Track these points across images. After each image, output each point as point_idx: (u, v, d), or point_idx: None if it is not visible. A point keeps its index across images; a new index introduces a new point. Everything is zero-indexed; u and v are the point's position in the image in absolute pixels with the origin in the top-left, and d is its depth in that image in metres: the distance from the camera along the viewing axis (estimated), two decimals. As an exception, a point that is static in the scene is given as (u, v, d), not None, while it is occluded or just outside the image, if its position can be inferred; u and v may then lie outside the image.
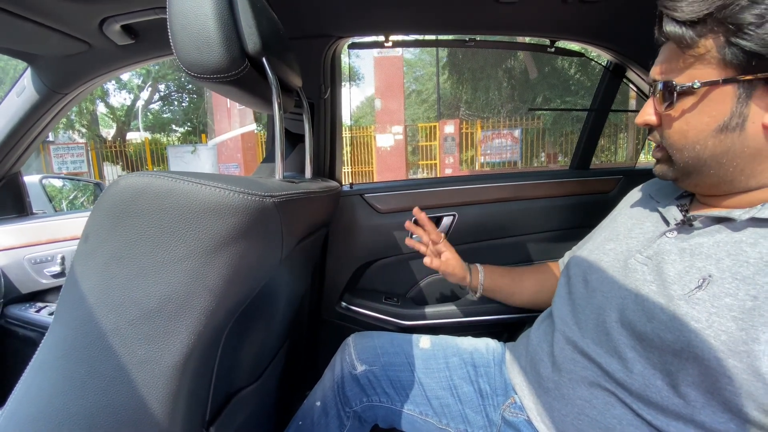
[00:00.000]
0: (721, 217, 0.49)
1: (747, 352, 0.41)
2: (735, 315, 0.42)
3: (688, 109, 0.48)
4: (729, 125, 0.45)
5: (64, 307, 0.38)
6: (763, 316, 0.41)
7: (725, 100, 0.45)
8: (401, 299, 1.10)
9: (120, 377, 0.37)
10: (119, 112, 12.08)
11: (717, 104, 0.45)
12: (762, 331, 0.40)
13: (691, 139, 0.48)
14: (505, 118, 9.94)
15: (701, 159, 0.49)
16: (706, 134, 0.47)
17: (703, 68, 0.45)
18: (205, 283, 0.37)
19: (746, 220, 0.46)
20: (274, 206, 0.41)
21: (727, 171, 0.48)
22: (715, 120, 0.46)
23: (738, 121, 0.45)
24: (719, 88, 0.45)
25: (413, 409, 0.72)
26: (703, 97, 0.46)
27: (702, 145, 0.48)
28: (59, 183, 2.35)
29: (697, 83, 0.45)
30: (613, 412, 0.52)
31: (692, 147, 0.49)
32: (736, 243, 0.46)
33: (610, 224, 0.67)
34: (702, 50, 0.44)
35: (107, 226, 0.36)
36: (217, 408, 0.53)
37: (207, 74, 0.45)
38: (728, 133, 0.46)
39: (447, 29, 0.94)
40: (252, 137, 8.83)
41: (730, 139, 0.46)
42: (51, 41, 0.82)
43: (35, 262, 1.13)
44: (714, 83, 0.45)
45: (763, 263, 0.43)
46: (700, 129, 0.47)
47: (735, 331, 0.42)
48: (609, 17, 0.90)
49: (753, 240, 0.45)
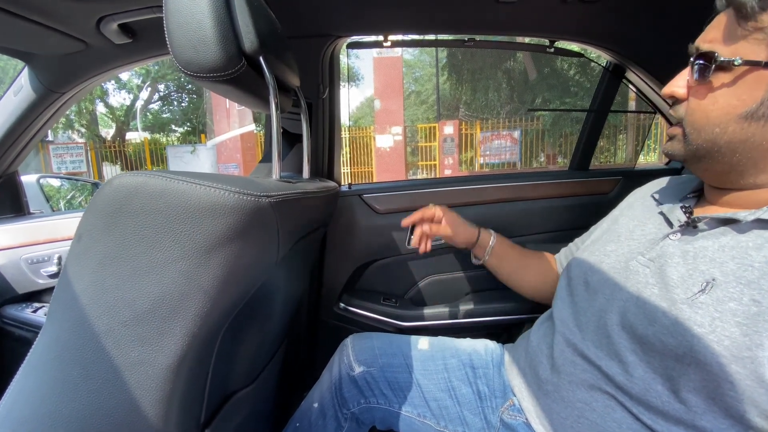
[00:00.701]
0: (727, 219, 0.48)
1: (750, 358, 0.40)
2: (739, 320, 0.42)
3: (720, 87, 0.45)
4: (756, 113, 0.43)
5: (56, 307, 0.37)
6: (767, 322, 0.40)
7: (760, 86, 0.42)
8: (400, 300, 1.09)
9: (113, 379, 0.36)
10: (119, 112, 12.06)
11: (750, 88, 0.43)
12: (766, 337, 0.40)
13: (712, 120, 0.46)
14: (505, 119, 9.95)
15: (716, 144, 0.46)
16: (729, 118, 0.44)
17: (751, 46, 0.42)
18: (200, 284, 0.37)
19: (752, 222, 0.45)
20: (270, 206, 0.41)
21: (739, 162, 0.46)
22: (744, 105, 0.43)
23: (766, 111, 0.42)
24: (759, 71, 0.42)
25: (411, 410, 0.72)
26: (740, 77, 0.43)
27: (722, 129, 0.45)
28: (57, 183, 2.34)
29: (739, 60, 0.42)
30: (613, 416, 0.51)
31: (711, 129, 0.46)
32: (741, 246, 0.45)
33: (612, 225, 0.67)
34: (759, 24, 0.41)
35: (101, 226, 0.36)
36: (213, 410, 0.52)
37: (203, 73, 0.44)
38: (752, 121, 0.43)
39: (446, 29, 0.94)
40: (251, 137, 8.83)
41: (752, 128, 0.44)
42: (48, 40, 0.81)
43: (32, 262, 1.12)
44: (756, 64, 0.42)
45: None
46: (725, 111, 0.45)
47: (739, 336, 0.41)
48: (608, 18, 0.90)
49: (758, 244, 0.44)
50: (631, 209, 0.65)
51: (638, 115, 8.48)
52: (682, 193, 0.59)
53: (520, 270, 0.84)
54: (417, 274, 1.11)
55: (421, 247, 0.84)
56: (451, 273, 1.11)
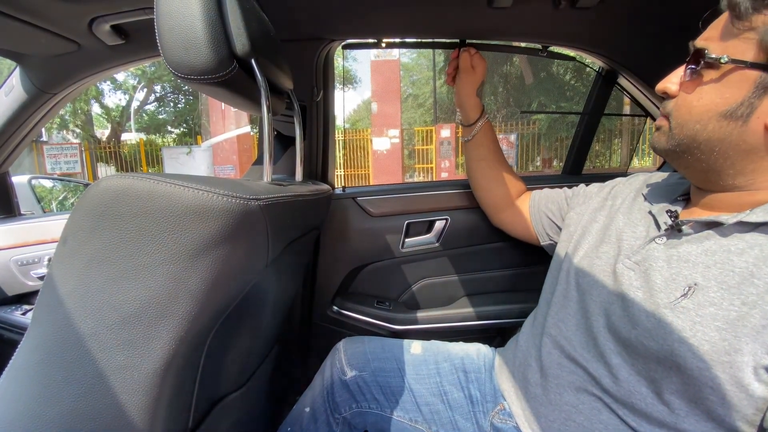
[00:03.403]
0: (710, 222, 0.48)
1: (730, 362, 0.41)
2: (719, 325, 0.42)
3: (707, 83, 0.46)
4: (735, 113, 0.44)
5: (41, 310, 0.37)
6: (746, 327, 0.40)
7: (743, 86, 0.43)
8: (393, 303, 1.09)
9: (98, 383, 0.36)
10: (114, 113, 12.00)
11: (733, 87, 0.44)
12: (745, 342, 0.40)
13: (695, 116, 0.47)
14: (501, 122, 10.00)
15: (696, 140, 0.48)
16: (711, 115, 0.46)
17: (741, 45, 0.43)
18: (188, 287, 0.37)
19: (734, 225, 0.46)
20: (260, 209, 0.41)
21: (716, 161, 0.47)
22: (726, 103, 0.44)
23: (745, 112, 0.43)
24: (743, 70, 0.43)
25: (403, 415, 0.71)
26: (725, 75, 0.44)
27: (702, 126, 0.46)
28: (49, 184, 2.32)
29: (726, 58, 0.43)
30: (600, 418, 0.51)
31: (693, 125, 0.47)
32: (723, 251, 0.46)
33: (604, 219, 0.65)
34: (752, 24, 0.42)
35: (87, 228, 0.36)
36: (201, 414, 0.52)
37: (194, 75, 0.44)
38: (731, 120, 0.44)
39: (440, 34, 0.95)
40: (248, 139, 8.82)
41: (730, 127, 0.45)
42: (40, 41, 0.81)
43: (22, 264, 1.11)
44: (741, 63, 0.43)
45: (748, 273, 0.42)
46: (708, 108, 0.46)
47: (718, 341, 0.42)
48: (601, 24, 0.90)
49: (740, 248, 0.45)
50: (624, 205, 0.64)
51: (632, 120, 8.55)
52: (674, 194, 0.59)
53: (491, 175, 0.90)
54: (411, 278, 1.11)
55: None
56: (444, 276, 1.11)
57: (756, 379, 0.40)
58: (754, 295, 0.41)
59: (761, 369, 0.40)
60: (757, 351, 0.40)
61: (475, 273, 1.10)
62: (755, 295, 0.41)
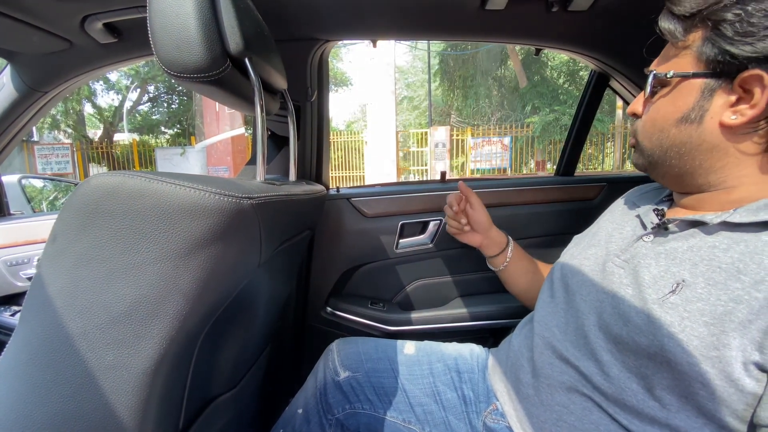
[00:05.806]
0: (695, 221, 0.50)
1: (719, 357, 0.41)
2: (707, 320, 0.43)
3: (662, 97, 0.52)
4: (689, 117, 0.49)
5: (29, 310, 0.36)
6: (733, 322, 0.41)
7: (691, 93, 0.48)
8: (387, 304, 1.09)
9: (87, 383, 0.35)
10: (107, 113, 11.87)
11: (684, 96, 0.49)
12: (733, 337, 0.41)
13: (657, 126, 0.52)
14: (495, 125, 10.07)
15: (663, 148, 0.52)
16: (670, 123, 0.51)
17: (682, 61, 0.49)
18: (179, 286, 0.36)
19: (719, 224, 0.47)
20: (252, 208, 0.41)
21: (686, 163, 0.51)
22: (679, 110, 0.49)
23: (697, 114, 0.48)
24: (689, 80, 0.48)
25: (396, 416, 0.71)
26: (675, 87, 0.50)
27: (665, 134, 0.51)
28: (40, 183, 2.29)
29: (671, 73, 0.49)
30: (591, 418, 0.52)
31: (657, 135, 0.52)
32: (709, 247, 0.47)
33: (594, 230, 0.68)
34: (688, 43, 0.48)
35: (76, 226, 0.35)
36: (192, 415, 0.51)
37: (187, 74, 0.44)
38: (687, 124, 0.49)
39: (434, 35, 0.95)
40: (242, 140, 8.76)
41: (688, 130, 0.49)
42: (31, 38, 0.80)
43: (11, 264, 1.09)
44: (685, 75, 0.48)
45: (734, 269, 0.43)
46: (665, 117, 0.51)
47: (706, 336, 0.42)
48: (594, 27, 0.92)
49: (726, 245, 0.45)
50: (613, 214, 0.67)
51: (625, 123, 8.64)
52: (659, 196, 0.62)
53: (533, 273, 0.85)
54: (405, 279, 1.11)
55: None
56: (438, 277, 1.11)
57: (746, 375, 0.40)
58: (740, 290, 0.42)
59: (750, 364, 0.40)
60: (746, 346, 0.40)
61: (468, 274, 1.11)
62: (741, 290, 0.42)
